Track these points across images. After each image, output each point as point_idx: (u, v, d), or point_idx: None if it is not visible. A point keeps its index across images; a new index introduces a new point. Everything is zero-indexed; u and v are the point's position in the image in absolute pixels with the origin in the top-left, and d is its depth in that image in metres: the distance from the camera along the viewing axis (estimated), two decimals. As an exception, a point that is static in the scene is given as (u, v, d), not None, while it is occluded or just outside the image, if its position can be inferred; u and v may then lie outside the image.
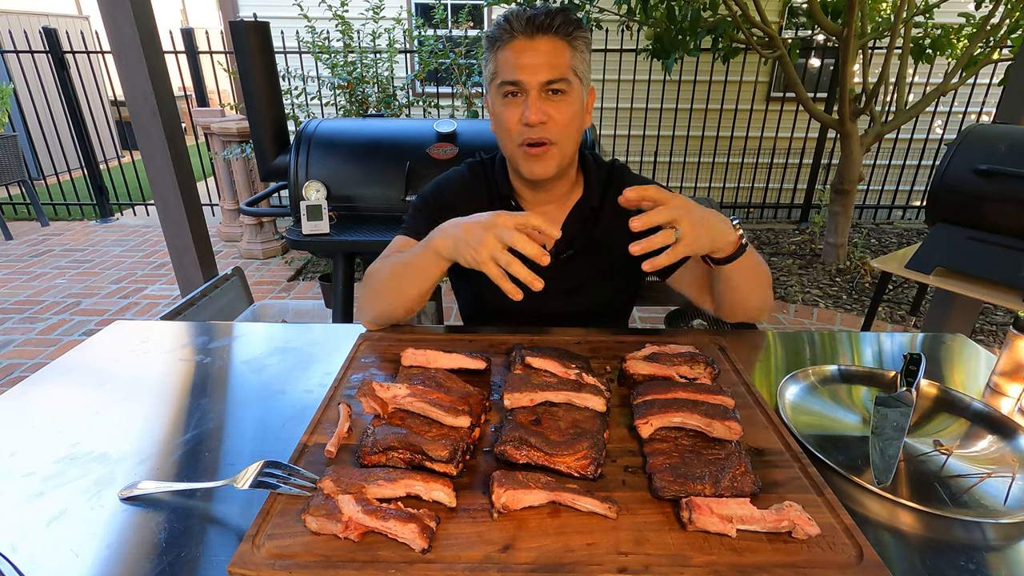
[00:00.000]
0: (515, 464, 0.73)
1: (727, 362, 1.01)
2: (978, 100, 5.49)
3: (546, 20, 1.03)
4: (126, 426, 0.86)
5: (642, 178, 1.26)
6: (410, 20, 5.43)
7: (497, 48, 1.06)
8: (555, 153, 1.09)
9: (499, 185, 1.21)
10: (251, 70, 2.42)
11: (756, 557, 0.61)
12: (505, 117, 1.07)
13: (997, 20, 3.80)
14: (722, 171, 5.75)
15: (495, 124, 1.13)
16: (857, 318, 3.64)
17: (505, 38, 1.05)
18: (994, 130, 1.98)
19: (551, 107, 1.05)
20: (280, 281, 4.20)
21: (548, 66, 1.03)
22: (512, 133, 1.08)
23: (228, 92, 5.91)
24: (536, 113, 1.04)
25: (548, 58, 1.03)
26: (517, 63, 1.03)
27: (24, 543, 0.64)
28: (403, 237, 1.19)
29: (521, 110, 1.05)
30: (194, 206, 2.42)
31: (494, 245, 0.88)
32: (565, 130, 1.07)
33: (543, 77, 1.03)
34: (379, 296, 1.09)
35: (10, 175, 5.16)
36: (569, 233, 1.19)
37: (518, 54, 1.03)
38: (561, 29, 1.04)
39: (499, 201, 1.21)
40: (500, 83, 1.06)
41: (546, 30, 1.03)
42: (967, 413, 0.92)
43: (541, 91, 1.04)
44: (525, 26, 1.03)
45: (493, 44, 1.08)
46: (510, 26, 1.04)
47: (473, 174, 1.25)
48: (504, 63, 1.05)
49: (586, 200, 1.20)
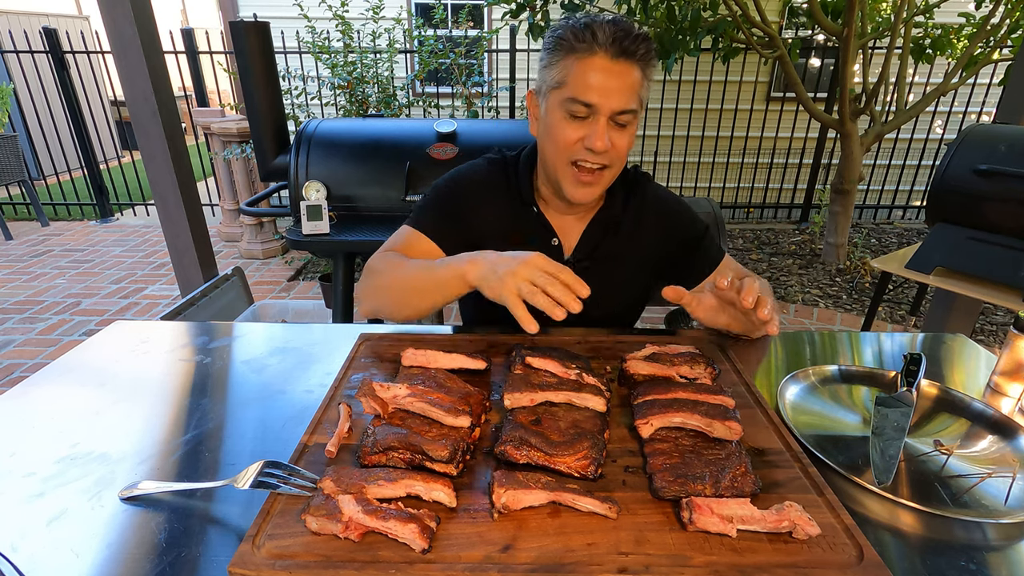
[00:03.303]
0: (515, 464, 0.73)
1: (727, 362, 1.01)
2: (978, 100, 5.49)
3: (632, 45, 0.96)
4: (126, 426, 0.86)
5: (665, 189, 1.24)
6: (410, 20, 5.43)
7: (573, 57, 0.98)
8: (607, 178, 1.07)
9: (521, 189, 1.17)
10: (251, 70, 2.41)
11: (756, 557, 0.61)
12: (565, 134, 1.01)
13: (997, 20, 3.80)
14: (722, 171, 5.75)
15: (544, 132, 1.07)
16: (857, 318, 3.64)
17: (584, 50, 0.97)
18: (994, 130, 1.98)
19: (615, 135, 1.01)
20: (280, 281, 4.20)
21: (625, 94, 0.97)
22: (568, 151, 1.03)
23: (228, 92, 5.91)
24: (603, 141, 0.99)
25: (626, 85, 0.97)
26: (595, 84, 0.96)
27: (24, 543, 0.64)
28: (411, 229, 1.16)
29: (585, 132, 1.00)
30: (194, 206, 2.42)
31: (523, 280, 0.85)
32: (622, 158, 1.05)
33: (617, 106, 0.98)
34: (385, 294, 1.07)
35: (10, 175, 5.16)
36: (589, 242, 1.18)
37: (598, 74, 0.96)
38: (643, 58, 0.98)
39: (519, 204, 1.17)
40: (569, 98, 0.99)
41: (630, 56, 0.96)
42: (967, 413, 0.92)
43: (611, 117, 0.99)
44: (611, 44, 0.95)
45: (568, 49, 0.98)
46: (594, 38, 0.95)
47: (493, 172, 1.20)
48: (579, 78, 0.97)
49: (608, 210, 1.17)
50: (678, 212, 1.21)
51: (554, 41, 1.01)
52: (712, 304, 0.96)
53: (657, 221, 1.19)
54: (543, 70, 1.04)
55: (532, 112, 1.11)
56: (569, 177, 1.06)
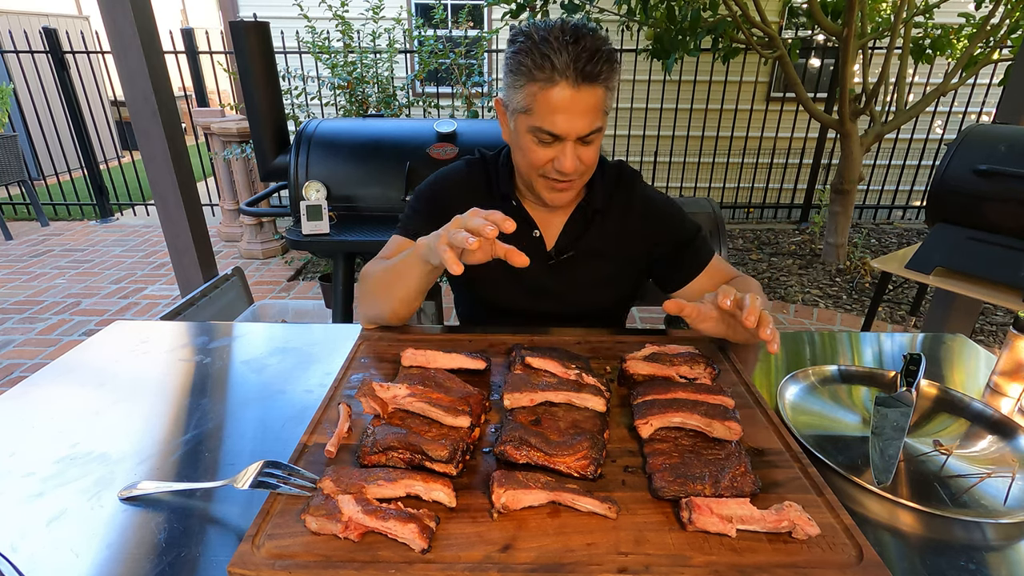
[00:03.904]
0: (515, 464, 0.73)
1: (727, 362, 1.01)
2: (978, 100, 5.49)
3: (593, 69, 0.95)
4: (126, 426, 0.86)
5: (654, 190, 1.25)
6: (410, 20, 5.43)
7: (536, 86, 0.96)
8: (578, 184, 1.10)
9: (500, 183, 1.19)
10: (251, 70, 2.41)
11: (756, 557, 0.61)
12: (535, 155, 1.03)
13: (997, 20, 3.80)
14: (722, 171, 5.75)
15: (515, 146, 1.09)
16: (857, 318, 3.64)
17: (544, 79, 0.95)
18: (994, 130, 1.98)
19: (583, 151, 1.02)
20: (280, 281, 4.20)
21: (590, 117, 0.98)
22: (539, 169, 1.05)
23: (228, 92, 5.91)
24: (572, 163, 1.01)
25: (590, 109, 0.97)
26: (560, 115, 0.97)
27: (24, 543, 0.64)
28: (398, 236, 1.19)
29: (554, 155, 1.02)
30: (194, 206, 2.42)
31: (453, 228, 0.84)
32: (591, 166, 1.07)
33: (584, 130, 0.98)
34: (371, 297, 1.09)
35: (10, 175, 5.16)
36: (570, 235, 1.19)
37: (560, 105, 0.96)
38: (606, 78, 0.97)
39: (499, 199, 1.19)
40: (536, 127, 0.99)
41: (593, 80, 0.95)
42: (967, 413, 0.92)
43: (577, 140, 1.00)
44: (572, 74, 0.94)
45: (530, 77, 0.96)
46: (553, 68, 0.94)
47: (472, 171, 1.23)
48: (543, 108, 0.97)
49: (589, 202, 1.19)
50: (667, 213, 1.22)
51: (515, 64, 0.98)
52: (713, 316, 0.96)
53: (645, 221, 1.20)
54: (508, 88, 1.03)
55: (501, 120, 1.12)
56: (542, 186, 1.09)
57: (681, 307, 0.91)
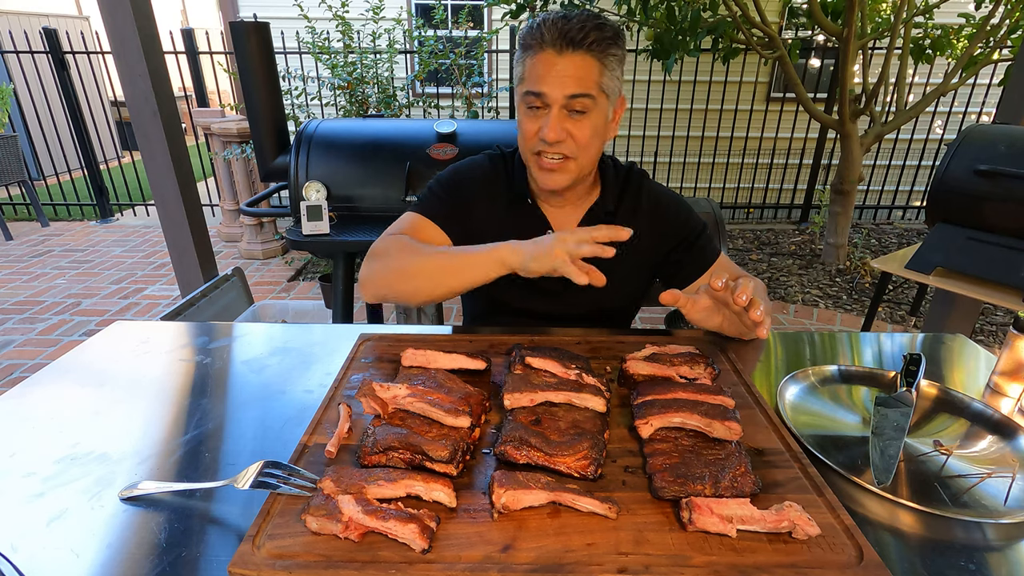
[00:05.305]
0: (515, 464, 0.73)
1: (727, 362, 1.01)
2: (978, 100, 5.49)
3: (579, 35, 0.98)
4: (126, 426, 0.86)
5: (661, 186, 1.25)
6: (410, 20, 5.43)
7: (528, 54, 1.03)
8: (572, 168, 1.09)
9: (516, 181, 1.20)
10: (251, 70, 2.42)
11: (756, 557, 0.61)
12: (525, 126, 1.07)
13: (997, 20, 3.80)
14: (722, 171, 5.75)
15: (518, 127, 1.12)
16: (857, 318, 3.64)
17: (535, 47, 1.01)
18: (994, 130, 1.98)
19: (572, 125, 1.03)
20: (280, 281, 4.20)
21: (573, 80, 1.00)
22: (531, 142, 1.08)
23: (228, 92, 5.91)
24: (555, 132, 1.02)
25: (574, 72, 1.00)
26: (543, 73, 1.01)
27: (24, 543, 0.64)
28: (417, 215, 1.18)
29: (541, 124, 1.04)
30: (194, 206, 2.42)
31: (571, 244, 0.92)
32: (584, 147, 1.07)
33: (568, 91, 1.01)
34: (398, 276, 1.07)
35: (10, 175, 5.16)
36: None
37: (545, 67, 1.00)
38: (594, 46, 1.00)
39: (515, 199, 1.20)
40: (525, 92, 1.04)
41: (577, 46, 0.99)
42: (967, 413, 0.92)
43: (564, 106, 1.02)
44: (556, 39, 0.99)
45: (524, 49, 1.04)
46: (541, 35, 1.00)
47: (492, 166, 1.24)
48: (531, 71, 1.03)
49: (601, 204, 1.19)
50: (675, 209, 1.22)
51: (519, 43, 1.07)
52: (707, 305, 0.96)
53: (653, 218, 1.20)
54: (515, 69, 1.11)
55: None
56: (534, 165, 1.11)
57: (675, 297, 0.91)
